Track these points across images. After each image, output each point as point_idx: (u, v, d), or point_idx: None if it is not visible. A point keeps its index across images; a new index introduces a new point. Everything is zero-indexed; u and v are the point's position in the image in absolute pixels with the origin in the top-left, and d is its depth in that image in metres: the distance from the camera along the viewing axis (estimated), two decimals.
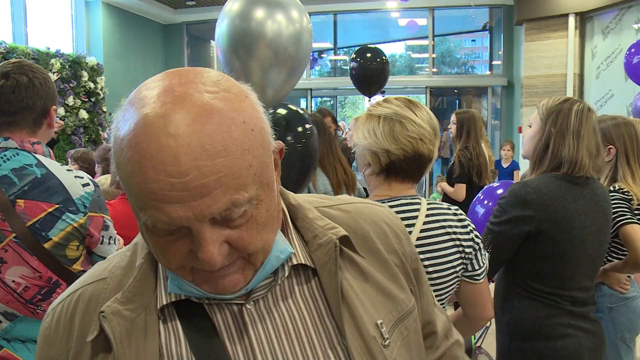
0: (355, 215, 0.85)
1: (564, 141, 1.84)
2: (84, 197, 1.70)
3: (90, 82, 7.78)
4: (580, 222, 1.81)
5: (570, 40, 8.01)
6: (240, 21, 2.29)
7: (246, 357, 0.72)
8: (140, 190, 0.62)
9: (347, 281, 0.77)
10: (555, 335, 1.81)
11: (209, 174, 0.60)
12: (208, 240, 0.63)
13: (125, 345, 0.70)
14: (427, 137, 1.49)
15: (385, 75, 5.85)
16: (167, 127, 0.60)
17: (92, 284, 0.78)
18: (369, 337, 0.75)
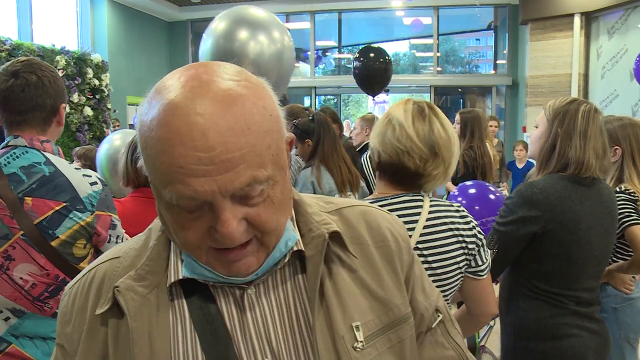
0: (355, 220, 0.88)
1: (571, 142, 1.84)
2: (91, 195, 1.70)
3: (95, 79, 7.80)
4: (587, 223, 1.81)
5: (575, 40, 7.99)
6: (224, 41, 2.43)
7: (244, 338, 0.77)
8: (168, 165, 0.66)
9: (332, 277, 0.81)
10: (561, 335, 1.82)
11: (234, 149, 0.65)
12: (229, 215, 0.68)
13: (139, 319, 0.75)
14: (416, 152, 1.46)
15: (388, 75, 5.86)
16: (195, 107, 0.65)
17: (106, 262, 0.83)
18: (338, 336, 0.77)
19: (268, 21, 2.55)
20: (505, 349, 1.96)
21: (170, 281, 0.78)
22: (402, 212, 1.49)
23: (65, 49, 7.42)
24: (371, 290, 0.83)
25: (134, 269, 0.78)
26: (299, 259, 0.81)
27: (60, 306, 0.84)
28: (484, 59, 13.50)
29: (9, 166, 1.65)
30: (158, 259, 0.79)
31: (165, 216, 0.73)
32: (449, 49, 13.52)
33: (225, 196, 0.67)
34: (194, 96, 0.66)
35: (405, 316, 0.85)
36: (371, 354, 0.79)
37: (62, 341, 0.82)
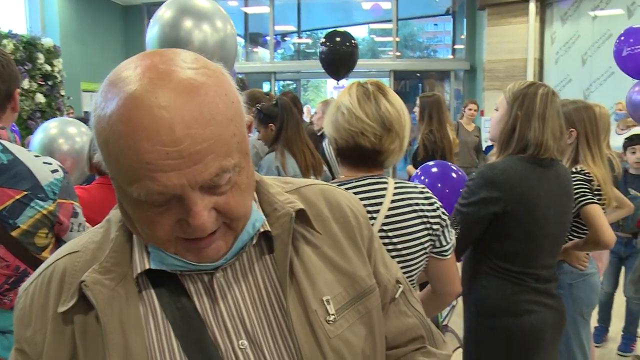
0: (314, 198, 0.89)
1: (530, 124, 1.89)
2: (53, 183, 1.66)
3: (46, 65, 7.50)
4: (545, 202, 1.87)
5: (530, 26, 8.18)
6: (170, 30, 2.50)
7: (217, 322, 0.77)
8: (134, 162, 0.64)
9: (299, 255, 0.82)
10: (521, 311, 1.88)
11: (201, 141, 0.65)
12: (199, 206, 0.67)
13: (109, 312, 0.73)
14: (369, 131, 1.49)
15: (354, 59, 5.88)
16: (158, 100, 0.64)
17: (65, 257, 0.80)
18: (310, 311, 0.79)
19: (212, 11, 2.68)
20: (468, 327, 2.02)
21: (136, 272, 0.76)
22: (367, 194, 1.51)
23: (13, 32, 7.11)
24: (336, 265, 0.85)
25: (97, 263, 0.76)
26: (265, 239, 0.82)
27: (16, 308, 0.80)
28: (442, 44, 13.66)
29: None
30: (122, 250, 0.77)
31: (130, 213, 0.72)
32: (408, 33, 13.62)
33: (195, 188, 0.67)
34: (155, 88, 0.64)
35: (371, 287, 0.87)
36: (343, 326, 0.82)
37: (22, 346, 0.77)
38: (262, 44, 12.88)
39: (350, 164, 1.58)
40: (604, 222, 2.17)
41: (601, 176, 2.35)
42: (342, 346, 0.80)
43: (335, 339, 0.80)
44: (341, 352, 0.80)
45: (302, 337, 0.78)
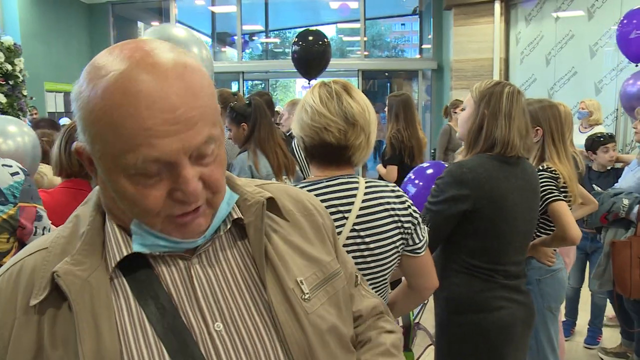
0: (279, 194, 0.95)
1: (497, 122, 1.92)
2: (13, 186, 1.61)
3: (7, 64, 7.29)
4: (513, 199, 1.90)
5: (496, 26, 8.31)
6: None
7: (191, 306, 0.80)
8: (135, 129, 0.69)
9: (271, 241, 0.89)
10: (491, 307, 1.91)
11: (194, 109, 0.72)
12: (190, 173, 0.73)
13: (81, 302, 0.75)
14: (332, 126, 1.50)
15: (327, 58, 5.86)
16: (152, 74, 0.70)
17: (34, 254, 0.81)
18: (288, 290, 0.85)
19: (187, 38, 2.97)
20: (439, 323, 2.04)
21: (111, 265, 0.78)
22: (338, 194, 1.51)
23: None
24: (304, 252, 0.92)
25: (68, 256, 0.78)
26: (236, 227, 0.88)
27: None
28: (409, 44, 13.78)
29: None
30: (93, 243, 0.80)
31: (119, 191, 0.75)
32: (376, 33, 13.70)
33: (187, 154, 0.73)
34: (146, 64, 0.70)
35: (336, 271, 0.95)
36: (316, 304, 0.88)
37: None
38: (230, 43, 12.77)
39: (319, 162, 1.58)
40: (570, 219, 2.21)
41: (567, 173, 2.39)
42: (319, 322, 0.86)
43: (313, 314, 0.86)
44: (319, 327, 0.86)
45: (281, 314, 0.82)
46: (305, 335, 0.84)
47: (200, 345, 0.79)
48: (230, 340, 0.80)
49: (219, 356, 0.79)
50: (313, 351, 0.84)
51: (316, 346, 0.85)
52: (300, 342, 0.83)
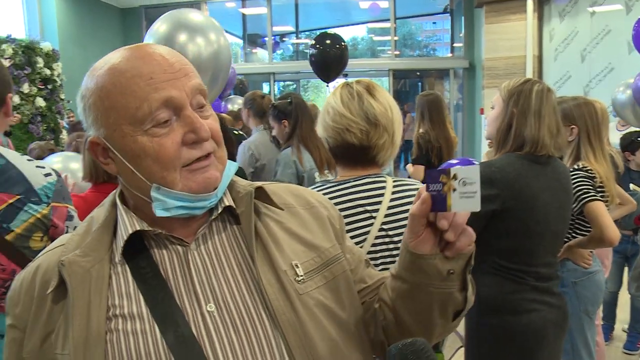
0: (279, 191, 1.02)
1: (526, 121, 1.88)
2: (46, 187, 1.65)
3: (46, 69, 7.50)
4: (543, 199, 1.86)
5: (528, 23, 8.15)
6: (165, 43, 2.51)
7: (187, 289, 0.87)
8: (139, 85, 0.82)
9: (267, 227, 0.94)
10: (521, 310, 1.87)
11: (184, 63, 0.88)
12: (196, 115, 0.85)
13: (79, 290, 0.84)
14: (354, 127, 1.51)
15: (344, 61, 5.82)
16: (148, 47, 0.88)
17: (52, 250, 0.93)
18: (280, 271, 0.89)
19: (205, 24, 2.82)
20: (469, 325, 2.01)
21: (117, 253, 0.89)
22: (366, 193, 1.50)
23: (12, 37, 7.11)
24: (301, 238, 0.95)
25: (79, 249, 0.88)
26: (231, 216, 0.95)
27: (10, 290, 0.93)
28: (441, 43, 13.65)
29: None
30: (101, 239, 0.90)
31: (142, 146, 0.84)
32: (406, 32, 13.61)
33: (188, 97, 0.85)
34: (141, 46, 0.88)
35: (336, 257, 0.97)
36: (311, 286, 0.91)
37: (12, 321, 0.91)
38: (261, 44, 12.87)
39: (344, 162, 1.59)
40: (607, 219, 2.15)
41: (603, 173, 2.33)
42: (312, 303, 0.89)
43: (305, 295, 0.89)
44: (311, 309, 0.89)
45: (272, 294, 0.87)
46: (296, 314, 0.87)
47: (192, 325, 0.84)
48: (221, 320, 0.85)
49: (209, 335, 0.84)
50: (306, 330, 0.86)
51: (309, 326, 0.87)
52: (292, 321, 0.86)
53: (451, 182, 0.80)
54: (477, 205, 0.78)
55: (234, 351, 0.83)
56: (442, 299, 0.90)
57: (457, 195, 0.79)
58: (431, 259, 0.86)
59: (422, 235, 0.85)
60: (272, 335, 0.85)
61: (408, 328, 0.95)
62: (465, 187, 0.79)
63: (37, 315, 0.88)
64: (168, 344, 0.82)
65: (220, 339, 0.84)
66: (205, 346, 0.83)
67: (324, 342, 0.88)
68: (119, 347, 0.83)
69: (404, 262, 0.90)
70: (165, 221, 0.88)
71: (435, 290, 0.89)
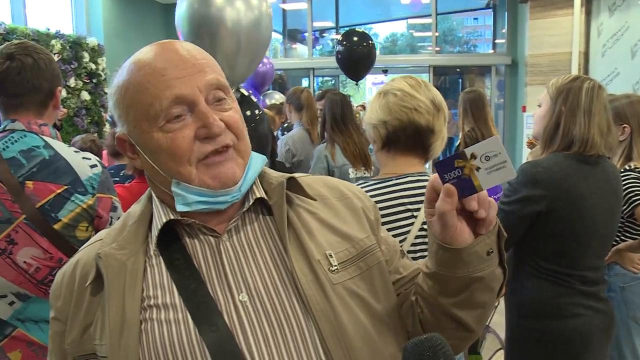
0: (313, 183, 1.01)
1: (575, 119, 1.82)
2: (92, 178, 1.69)
3: (91, 63, 7.71)
4: (592, 201, 1.80)
5: (575, 18, 7.90)
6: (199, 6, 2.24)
7: (219, 279, 0.88)
8: (153, 82, 0.84)
9: (300, 217, 0.94)
10: (566, 314, 1.82)
11: (200, 59, 0.88)
12: (209, 110, 0.85)
13: (115, 282, 0.87)
14: (422, 107, 1.52)
15: (372, 59, 5.74)
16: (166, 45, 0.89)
17: (91, 245, 0.97)
18: (314, 261, 0.88)
19: None
20: (510, 328, 1.97)
21: (152, 245, 0.91)
22: (408, 192, 1.48)
23: (60, 32, 7.32)
24: (335, 228, 0.95)
25: (115, 243, 0.91)
26: (263, 207, 0.95)
27: (52, 287, 0.97)
28: (482, 39, 13.41)
29: (8, 150, 1.63)
30: (136, 232, 0.92)
31: (158, 142, 0.85)
32: (447, 28, 13.42)
33: (202, 92, 0.85)
34: (162, 43, 0.90)
35: (371, 247, 0.96)
36: (345, 277, 0.90)
37: (55, 314, 0.95)
38: (301, 40, 12.88)
39: (402, 149, 1.56)
40: None
41: None
42: (345, 294, 0.89)
43: (338, 285, 0.88)
44: (345, 298, 0.88)
45: (305, 283, 0.86)
46: (330, 304, 0.86)
47: (225, 315, 0.85)
48: (254, 310, 0.85)
49: (242, 325, 0.84)
50: (339, 320, 0.86)
51: (342, 316, 0.86)
52: (325, 310, 0.85)
53: (471, 162, 0.77)
54: (511, 172, 0.77)
55: (266, 341, 0.84)
56: (484, 279, 0.88)
57: (484, 172, 0.77)
58: (472, 247, 0.84)
59: (458, 227, 0.82)
60: (305, 325, 0.85)
61: (452, 317, 0.92)
62: (490, 161, 0.77)
63: (77, 308, 0.91)
64: (201, 333, 0.83)
65: (253, 328, 0.84)
66: (238, 336, 0.83)
67: (357, 332, 0.87)
68: (152, 336, 0.84)
69: (441, 260, 0.87)
70: (197, 213, 0.89)
71: (476, 275, 0.86)
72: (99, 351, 0.87)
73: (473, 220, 0.83)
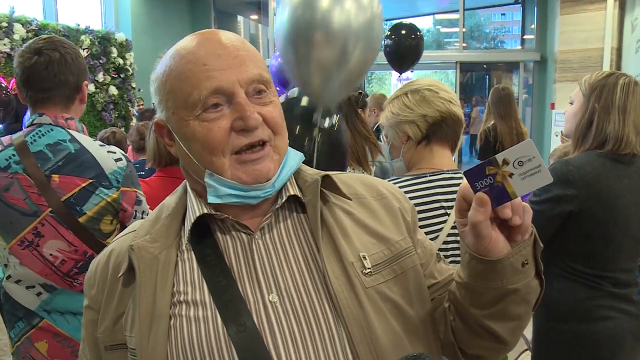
0: (350, 181, 0.99)
1: (609, 117, 1.76)
2: (116, 172, 1.70)
3: (119, 58, 7.81)
4: (625, 201, 1.74)
5: (608, 13, 7.71)
6: (304, 10, 1.93)
7: (250, 278, 0.87)
8: (194, 68, 0.84)
9: (335, 216, 0.92)
10: (596, 317, 1.77)
11: (243, 51, 0.87)
12: (247, 102, 0.84)
13: (147, 274, 0.87)
14: (455, 100, 1.62)
15: (419, 51, 5.77)
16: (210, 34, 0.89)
17: (125, 236, 0.97)
18: (347, 263, 0.87)
19: None
20: (537, 330, 1.92)
21: (184, 239, 0.91)
22: (442, 189, 1.48)
23: (90, 28, 7.43)
24: (371, 229, 0.92)
25: (148, 235, 0.91)
26: (297, 205, 0.93)
27: (86, 276, 0.99)
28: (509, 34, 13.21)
29: (35, 144, 1.65)
30: (170, 225, 0.92)
31: (193, 131, 0.85)
32: (474, 24, 13.25)
33: (242, 86, 0.84)
34: (204, 33, 0.90)
35: (407, 250, 0.94)
36: (379, 280, 0.88)
37: (88, 302, 0.96)
38: None
39: (439, 141, 1.62)
40: None
41: None
42: (378, 297, 0.86)
43: (371, 289, 0.86)
44: (377, 302, 0.86)
45: (337, 286, 0.84)
46: (362, 308, 0.84)
47: (253, 314, 0.83)
48: (283, 311, 0.84)
49: (270, 325, 0.83)
50: (370, 325, 0.83)
51: (373, 320, 0.84)
52: (356, 315, 0.83)
53: (503, 169, 0.74)
54: (547, 176, 0.74)
55: (294, 342, 0.82)
56: (520, 291, 0.84)
57: (518, 178, 0.74)
58: (506, 259, 0.80)
59: (493, 237, 0.78)
60: (335, 329, 0.83)
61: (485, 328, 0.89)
62: (524, 166, 0.74)
63: (110, 297, 0.92)
64: (229, 332, 0.82)
65: (282, 329, 0.83)
66: (266, 336, 0.82)
67: (388, 338, 0.85)
68: (181, 333, 0.84)
69: (474, 271, 0.83)
70: (230, 208, 0.88)
71: (511, 287, 0.83)
72: (128, 342, 0.87)
73: (507, 228, 0.80)
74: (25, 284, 1.69)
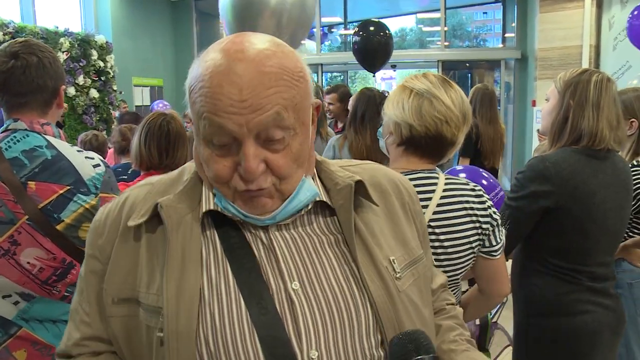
0: (374, 172, 1.00)
1: (584, 113, 1.79)
2: (94, 178, 1.68)
3: (99, 61, 7.75)
4: (601, 196, 1.77)
5: (586, 11, 7.81)
6: None
7: (271, 266, 0.86)
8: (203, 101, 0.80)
9: (363, 221, 0.92)
10: (575, 311, 1.79)
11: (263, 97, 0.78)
12: (251, 151, 0.80)
13: (175, 235, 0.85)
14: (453, 120, 1.46)
15: (389, 50, 5.65)
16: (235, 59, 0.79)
17: (139, 187, 0.95)
18: (381, 266, 0.88)
19: None
20: (518, 325, 1.95)
21: (202, 211, 0.88)
22: (417, 188, 1.46)
23: (69, 30, 7.36)
24: (394, 233, 0.95)
25: (172, 194, 0.89)
26: (323, 207, 0.92)
27: (93, 221, 0.96)
28: (491, 33, 13.30)
29: (10, 150, 1.62)
30: (193, 189, 0.90)
31: (201, 153, 0.85)
32: (456, 23, 13.32)
33: (251, 133, 0.79)
34: (232, 51, 0.80)
35: (421, 255, 0.98)
36: (405, 284, 0.91)
37: (93, 251, 0.93)
38: (309, 35, 12.86)
39: (414, 153, 1.52)
40: None
41: None
42: (407, 301, 0.89)
43: (402, 293, 0.89)
44: (407, 307, 0.89)
45: (374, 289, 0.86)
46: (396, 312, 0.87)
47: (275, 300, 0.84)
48: (306, 300, 0.84)
49: (293, 312, 0.83)
50: (402, 327, 0.86)
51: (405, 322, 0.87)
52: (391, 317, 0.86)
53: None
54: None
55: (316, 330, 0.83)
56: None
57: None
58: None
59: None
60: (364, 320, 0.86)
61: None
62: None
63: (121, 247, 0.90)
64: (251, 316, 0.82)
65: (304, 316, 0.83)
66: (287, 322, 0.83)
67: None
68: (210, 308, 0.83)
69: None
70: None
71: None
72: (144, 299, 0.86)
73: None
74: (2, 293, 1.66)
